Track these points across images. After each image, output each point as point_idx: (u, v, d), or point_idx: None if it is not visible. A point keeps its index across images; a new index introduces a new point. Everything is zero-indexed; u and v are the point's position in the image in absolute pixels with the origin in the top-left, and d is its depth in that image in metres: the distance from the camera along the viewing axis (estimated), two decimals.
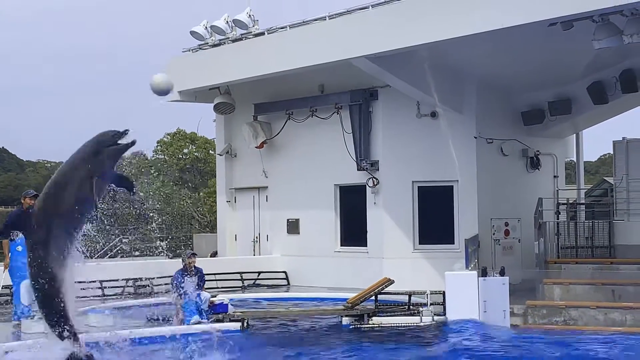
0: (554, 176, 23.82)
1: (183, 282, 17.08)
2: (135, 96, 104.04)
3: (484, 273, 17.35)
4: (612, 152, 22.33)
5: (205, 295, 17.45)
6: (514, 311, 17.33)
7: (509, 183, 22.31)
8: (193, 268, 17.38)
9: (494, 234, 21.63)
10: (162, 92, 11.43)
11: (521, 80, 21.59)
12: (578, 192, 25.23)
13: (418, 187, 22.35)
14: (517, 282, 19.50)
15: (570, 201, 23.45)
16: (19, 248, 16.03)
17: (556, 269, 19.52)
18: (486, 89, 21.77)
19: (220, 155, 27.04)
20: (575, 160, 25.81)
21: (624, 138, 21.55)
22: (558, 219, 21.64)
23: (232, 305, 18.03)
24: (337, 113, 23.33)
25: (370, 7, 20.09)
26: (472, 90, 21.68)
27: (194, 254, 17.84)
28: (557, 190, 23.36)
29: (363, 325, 17.09)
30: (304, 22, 21.98)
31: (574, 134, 24.68)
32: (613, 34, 16.19)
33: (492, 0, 17.36)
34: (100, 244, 15.14)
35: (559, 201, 22.58)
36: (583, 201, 25.25)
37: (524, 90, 22.06)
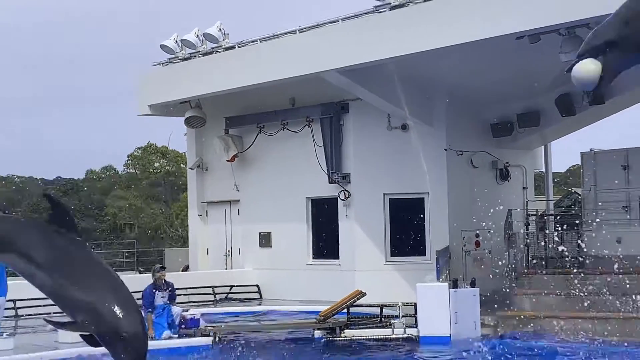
0: (523, 187, 24.01)
1: (154, 297, 17.00)
2: (105, 109, 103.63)
3: (455, 284, 17.45)
4: (580, 164, 22.54)
5: (176, 309, 17.38)
6: (485, 322, 17.42)
7: (479, 194, 22.41)
8: (163, 282, 17.30)
9: (464, 245, 21.73)
10: (590, 83, 8.30)
11: (490, 92, 21.77)
12: (547, 203, 25.44)
13: (389, 199, 22.45)
14: (488, 293, 19.60)
15: (540, 212, 23.63)
16: None
17: (526, 280, 19.65)
18: (456, 102, 21.93)
19: (192, 169, 27.00)
20: (544, 172, 26.04)
21: (591, 149, 21.77)
22: (528, 230, 21.80)
23: (203, 319, 17.98)
24: (308, 126, 23.39)
25: (340, 20, 20.21)
26: (441, 103, 21.84)
27: (163, 268, 17.75)
28: (527, 202, 23.54)
29: (335, 338, 17.10)
30: (274, 35, 22.04)
31: (543, 146, 24.90)
32: (579, 46, 16.36)
33: (461, 13, 17.53)
34: None
35: (529, 212, 22.75)
36: (552, 212, 25.44)
37: (493, 102, 22.24)
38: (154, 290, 17.05)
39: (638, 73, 21.21)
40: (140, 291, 18.34)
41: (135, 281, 22.47)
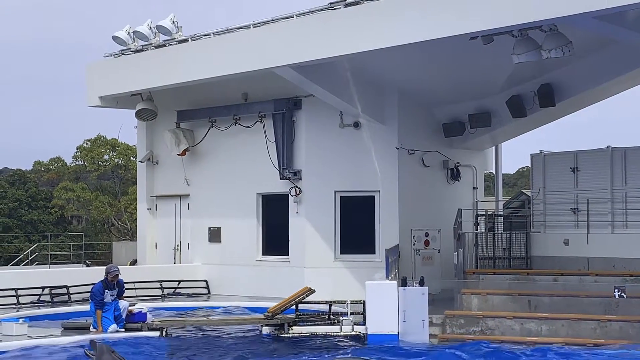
0: (474, 188, 24.14)
1: (104, 295, 16.81)
2: (55, 100, 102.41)
3: (403, 283, 17.50)
4: (529, 165, 22.74)
5: (123, 303, 17.22)
6: (433, 321, 17.52)
7: (430, 194, 22.55)
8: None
9: (414, 244, 21.84)
10: None
11: (442, 92, 21.86)
12: (496, 203, 25.63)
13: (340, 196, 22.44)
14: (437, 292, 19.71)
15: (489, 213, 23.80)
16: None
17: (474, 280, 19.78)
18: (408, 101, 21.99)
19: (142, 162, 26.74)
20: (494, 173, 26.24)
21: (541, 151, 21.97)
22: (477, 230, 21.94)
23: (151, 314, 17.84)
24: (261, 122, 23.29)
25: (294, 16, 20.14)
26: (394, 102, 21.88)
27: (118, 271, 17.40)
28: (476, 202, 23.68)
29: (283, 335, 17.08)
30: (228, 29, 21.90)
31: (493, 147, 25.07)
32: (532, 48, 16.53)
33: (415, 13, 17.54)
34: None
35: (478, 212, 22.90)
36: (501, 213, 25.64)
37: (444, 102, 22.34)
38: (104, 289, 16.82)
39: (588, 76, 21.47)
40: (87, 284, 18.18)
41: (82, 274, 22.43)
